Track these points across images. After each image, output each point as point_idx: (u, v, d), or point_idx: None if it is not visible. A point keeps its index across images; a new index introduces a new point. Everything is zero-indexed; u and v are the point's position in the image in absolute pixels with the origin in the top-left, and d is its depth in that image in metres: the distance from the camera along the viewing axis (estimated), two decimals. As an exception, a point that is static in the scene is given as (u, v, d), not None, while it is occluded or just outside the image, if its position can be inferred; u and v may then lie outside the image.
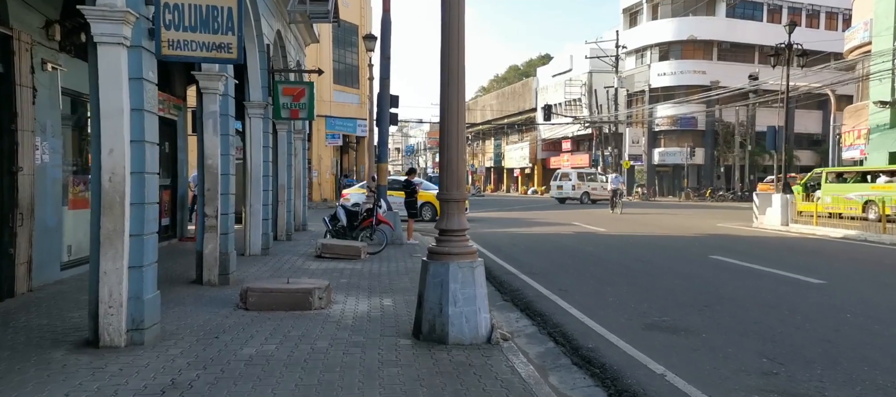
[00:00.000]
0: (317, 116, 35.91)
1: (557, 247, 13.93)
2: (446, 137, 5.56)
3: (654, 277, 9.45)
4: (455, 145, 5.56)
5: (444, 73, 5.54)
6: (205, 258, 8.01)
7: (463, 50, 5.59)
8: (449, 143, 5.55)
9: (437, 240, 5.66)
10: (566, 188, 38.40)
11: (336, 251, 11.11)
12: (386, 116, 14.21)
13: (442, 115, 5.61)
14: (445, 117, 5.57)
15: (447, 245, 5.54)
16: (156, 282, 5.54)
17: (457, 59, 5.54)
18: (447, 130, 5.56)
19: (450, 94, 5.53)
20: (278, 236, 13.98)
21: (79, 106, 8.80)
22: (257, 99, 10.91)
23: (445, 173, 5.60)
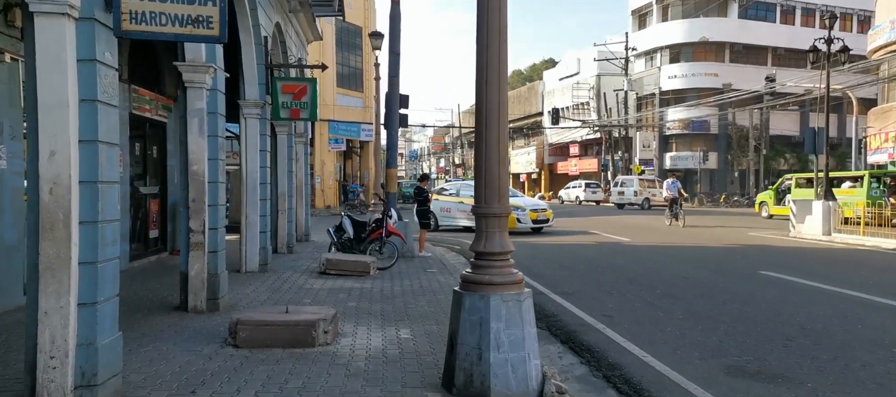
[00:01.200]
0: (319, 120, 34.83)
1: (583, 260, 12.72)
2: (485, 137, 4.38)
3: (709, 299, 8.24)
4: (495, 146, 4.38)
5: (482, 56, 4.37)
6: (190, 281, 6.83)
7: (506, 31, 4.42)
8: (488, 144, 4.37)
9: (472, 266, 4.48)
10: (628, 194, 38.79)
11: (342, 267, 9.93)
12: (395, 117, 13.04)
13: (479, 111, 4.43)
14: (484, 112, 4.39)
15: (487, 272, 4.35)
16: (116, 320, 4.37)
17: (498, 40, 4.37)
18: (486, 129, 4.38)
19: (489, 85, 4.36)
20: (278, 249, 12.81)
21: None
22: (253, 97, 9.75)
23: (483, 182, 4.41)
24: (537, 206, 20.25)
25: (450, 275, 10.39)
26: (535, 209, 19.62)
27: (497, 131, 4.37)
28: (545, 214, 19.53)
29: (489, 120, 4.36)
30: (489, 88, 4.36)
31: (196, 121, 6.80)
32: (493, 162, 4.37)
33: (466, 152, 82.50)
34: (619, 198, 39.20)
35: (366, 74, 38.69)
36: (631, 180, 39.72)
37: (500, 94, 4.37)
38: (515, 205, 18.05)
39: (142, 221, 11.20)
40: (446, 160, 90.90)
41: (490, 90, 4.36)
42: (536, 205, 20.51)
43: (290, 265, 11.10)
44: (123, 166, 9.98)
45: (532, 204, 20.42)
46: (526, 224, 18.76)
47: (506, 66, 4.40)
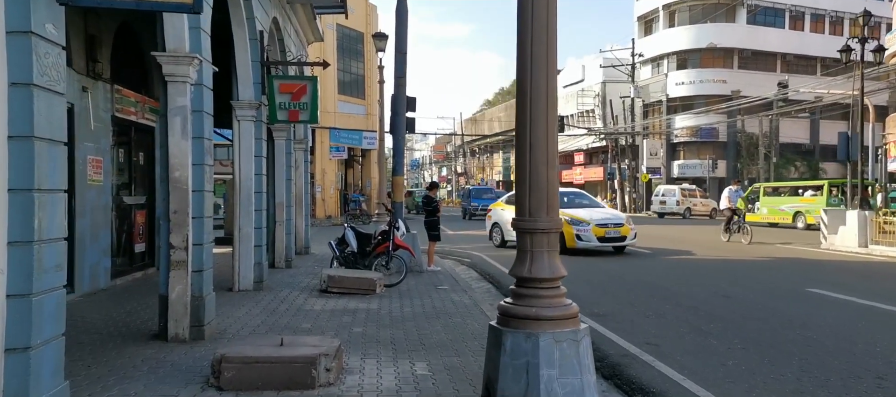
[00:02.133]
0: (320, 127, 33.97)
1: (609, 274, 11.76)
2: (530, 135, 3.47)
3: (761, 322, 7.28)
4: (543, 146, 3.47)
5: (526, 32, 3.45)
6: (170, 305, 5.89)
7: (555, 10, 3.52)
8: (534, 144, 3.46)
9: (514, 294, 3.55)
10: (669, 203, 38.82)
11: (345, 285, 8.98)
12: (401, 122, 12.13)
13: (522, 103, 3.53)
14: (528, 104, 3.49)
15: (533, 303, 3.42)
16: (60, 367, 3.43)
17: (546, 13, 3.45)
18: (531, 124, 3.48)
19: (534, 69, 3.46)
20: (276, 263, 11.87)
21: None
22: (248, 97, 8.85)
23: (527, 189, 3.49)
24: (607, 218, 15.26)
25: (463, 292, 9.45)
26: (604, 222, 14.93)
27: (545, 127, 3.45)
28: (620, 229, 14.89)
29: (535, 113, 3.45)
30: (535, 73, 3.44)
31: (178, 120, 5.88)
32: (540, 164, 3.45)
33: (469, 160, 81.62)
34: (661, 206, 39.32)
35: (368, 81, 37.85)
36: (672, 190, 39.40)
37: (548, 81, 3.46)
38: (575, 218, 14.80)
39: (127, 234, 10.28)
40: (448, 169, 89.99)
41: (536, 76, 3.44)
42: (606, 216, 15.48)
43: (288, 281, 10.16)
44: (105, 174, 9.08)
45: (600, 216, 15.31)
46: (588, 242, 14.63)
47: (555, 44, 3.49)
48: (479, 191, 40.29)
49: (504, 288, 10.42)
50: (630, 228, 15.09)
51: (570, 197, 16.84)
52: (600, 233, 14.74)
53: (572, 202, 16.23)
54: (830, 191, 24.06)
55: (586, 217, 14.93)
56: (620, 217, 16.05)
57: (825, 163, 50.12)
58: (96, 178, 8.82)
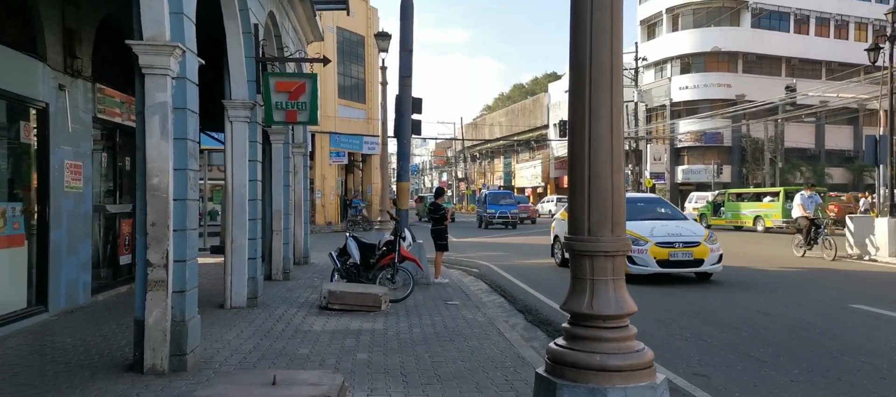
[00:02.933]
0: (320, 132, 33.22)
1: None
2: (589, 130, 2.73)
3: (815, 346, 6.50)
4: (606, 146, 2.73)
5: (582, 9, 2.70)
6: (147, 331, 5.11)
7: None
8: (594, 143, 2.72)
9: (568, 336, 2.79)
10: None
11: (347, 301, 8.21)
12: (407, 124, 11.38)
13: (578, 93, 2.78)
14: (587, 95, 2.74)
15: (596, 347, 2.66)
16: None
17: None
18: (590, 118, 2.73)
19: (596, 46, 2.70)
20: (273, 275, 11.10)
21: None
22: (241, 96, 8.09)
23: (587, 201, 2.73)
24: (674, 235, 11.24)
25: (476, 309, 8.67)
26: (668, 240, 11.09)
27: (608, 118, 2.70)
28: (692, 250, 10.98)
29: (595, 101, 2.69)
30: (596, 47, 2.69)
31: (157, 119, 5.12)
32: (602, 167, 2.70)
33: (470, 166, 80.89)
34: (692, 213, 37.42)
35: (368, 85, 37.15)
36: (705, 197, 36.25)
37: (613, 59, 2.71)
38: (632, 236, 9.72)
39: (111, 245, 9.51)
40: (449, 174, 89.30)
41: (597, 51, 2.69)
42: (674, 232, 11.36)
43: (285, 296, 9.38)
44: (85, 180, 8.31)
45: (665, 232, 11.31)
46: (644, 266, 10.91)
47: (621, 9, 2.73)
48: (496, 197, 35.01)
49: (519, 302, 9.65)
50: (710, 248, 11.02)
51: (639, 205, 12.81)
52: (661, 254, 10.86)
53: (638, 212, 12.06)
54: (787, 197, 25.71)
55: (644, 233, 11.01)
56: (695, 232, 11.47)
57: (831, 168, 49.48)
58: (75, 185, 8.05)
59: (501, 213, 32.03)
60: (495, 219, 31.81)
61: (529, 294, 10.42)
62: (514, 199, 35.95)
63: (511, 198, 35.69)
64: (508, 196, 36.30)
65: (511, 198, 35.69)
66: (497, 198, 34.66)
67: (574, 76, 2.74)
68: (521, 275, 12.76)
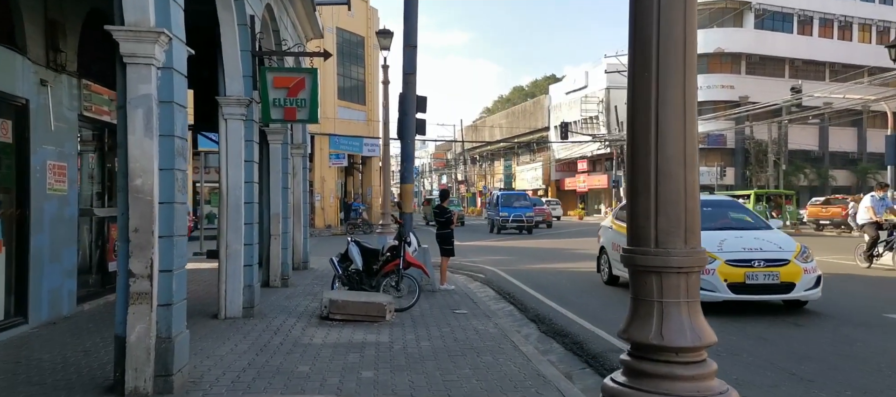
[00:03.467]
0: (319, 134, 32.70)
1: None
2: (655, 116, 2.23)
3: (861, 362, 5.98)
4: (678, 132, 2.22)
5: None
6: (130, 349, 4.59)
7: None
8: (662, 136, 2.21)
9: (629, 371, 2.27)
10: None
11: (350, 310, 7.69)
12: (411, 123, 10.86)
13: (641, 65, 2.26)
14: (656, 68, 2.22)
15: (667, 388, 2.13)
16: None
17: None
18: (658, 100, 2.22)
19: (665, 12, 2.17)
20: (271, 281, 10.58)
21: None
22: (236, 92, 7.58)
23: (654, 205, 2.22)
24: (755, 251, 8.49)
25: (486, 318, 8.16)
26: (746, 257, 8.34)
27: (679, 107, 2.19)
28: (779, 271, 8.21)
29: (664, 87, 2.20)
30: (665, 25, 2.18)
31: (140, 113, 4.61)
32: (674, 163, 2.19)
33: (470, 168, 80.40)
34: None
35: (368, 87, 36.69)
36: None
37: (687, 30, 2.19)
38: None
39: (100, 251, 8.99)
40: (448, 177, 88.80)
41: (667, 27, 2.18)
42: (755, 247, 8.63)
43: (283, 305, 8.85)
44: (70, 182, 7.79)
45: (741, 246, 8.58)
46: (713, 291, 8.07)
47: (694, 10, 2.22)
48: (509, 198, 31.45)
49: (530, 311, 9.13)
50: (803, 268, 8.25)
51: (704, 209, 8.27)
52: (734, 276, 8.08)
53: (708, 219, 8.23)
54: (758, 200, 26.80)
55: (711, 247, 7.81)
56: (782, 246, 8.68)
57: (834, 170, 49.03)
58: (59, 187, 7.53)
59: (516, 217, 29.10)
60: (509, 223, 28.99)
61: (541, 302, 9.90)
62: (530, 202, 32.37)
63: (526, 199, 32.16)
64: (523, 197, 32.56)
65: (526, 199, 32.16)
66: (510, 199, 31.16)
67: (636, 50, 2.23)
68: (529, 281, 12.24)
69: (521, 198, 32.10)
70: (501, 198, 31.37)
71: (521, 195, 33.90)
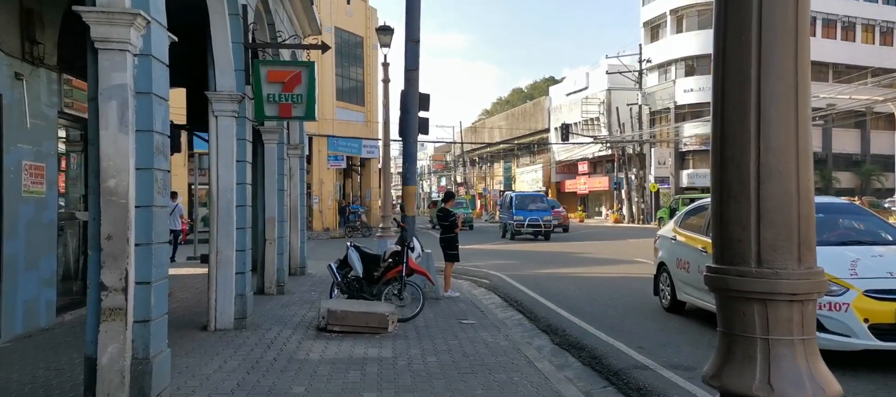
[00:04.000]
0: (318, 135, 32.14)
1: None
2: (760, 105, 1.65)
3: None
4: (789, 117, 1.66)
5: None
6: (101, 372, 4.06)
7: None
8: (769, 124, 1.65)
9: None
10: None
11: (350, 321, 7.15)
12: (413, 121, 10.33)
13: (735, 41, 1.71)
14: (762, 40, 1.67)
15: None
16: None
17: None
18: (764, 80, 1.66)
19: None
20: (266, 289, 10.05)
21: None
22: (227, 87, 7.04)
23: (755, 210, 1.67)
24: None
25: (495, 329, 7.63)
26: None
27: (791, 82, 1.65)
28: None
29: (769, 54, 1.66)
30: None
31: (114, 105, 4.08)
32: (783, 156, 1.65)
33: (469, 170, 79.87)
34: None
35: (367, 87, 36.18)
36: None
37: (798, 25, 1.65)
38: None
39: (85, 257, 8.42)
40: (448, 179, 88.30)
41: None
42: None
43: (278, 314, 8.31)
44: (49, 184, 7.25)
45: (885, 268, 6.00)
46: (846, 335, 5.63)
47: None
48: (524, 200, 27.71)
49: (541, 321, 8.59)
50: None
51: (824, 216, 7.06)
52: (880, 314, 5.65)
53: (823, 229, 6.46)
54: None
55: (839, 271, 5.83)
56: None
57: (838, 172, 48.53)
58: (36, 189, 6.99)
59: (532, 221, 25.76)
60: (524, 227, 25.74)
61: (551, 310, 9.37)
62: (548, 203, 29.00)
63: (543, 201, 28.60)
64: (540, 199, 28.75)
65: (543, 201, 28.60)
66: (525, 201, 27.43)
67: (729, 7, 1.70)
68: (537, 287, 11.71)
69: (537, 199, 28.21)
70: (515, 199, 27.55)
71: (537, 196, 29.76)
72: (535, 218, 25.75)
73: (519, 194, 30.39)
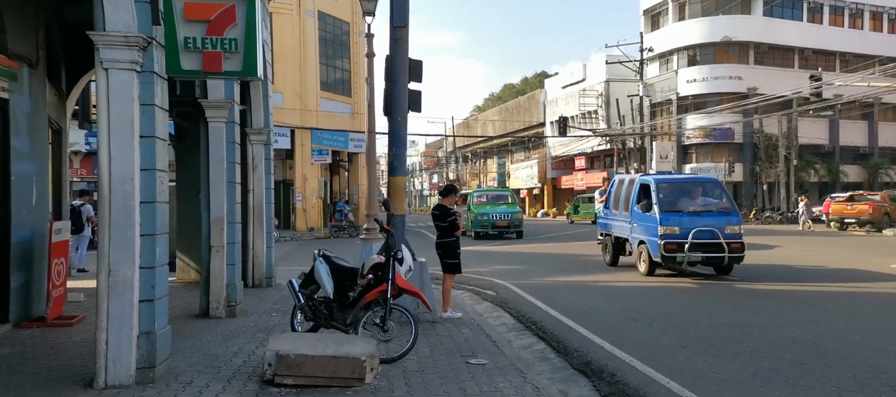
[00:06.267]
0: (301, 128, 29.74)
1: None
2: None
3: None
4: None
5: None
6: None
7: None
8: None
9: None
10: None
11: (308, 370, 4.88)
12: (402, 94, 8.05)
13: None
14: None
15: None
16: None
17: None
18: None
19: None
20: (211, 311, 7.76)
21: None
22: (123, 26, 4.72)
23: None
24: None
25: (517, 372, 5.41)
26: None
27: None
28: None
29: None
30: None
31: None
32: None
33: (462, 167, 77.59)
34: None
35: (355, 77, 33.79)
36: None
37: None
38: None
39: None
40: (440, 176, 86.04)
41: None
42: None
43: (214, 353, 6.00)
44: None
45: None
46: None
47: None
48: (675, 190, 13.05)
49: (574, 356, 6.34)
50: None
51: None
52: None
53: None
54: None
55: None
56: None
57: (845, 165, 46.65)
58: None
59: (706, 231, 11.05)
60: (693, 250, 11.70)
61: (584, 338, 7.14)
62: (721, 196, 13.39)
63: (720, 190, 12.52)
64: (707, 184, 13.88)
65: (720, 190, 12.52)
66: (680, 191, 13.41)
67: None
68: (555, 301, 9.49)
69: (701, 185, 13.69)
70: (661, 190, 12.60)
71: (701, 182, 14.73)
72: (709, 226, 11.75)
73: (664, 178, 14.17)
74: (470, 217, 24.83)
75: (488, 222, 24.45)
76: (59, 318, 7.34)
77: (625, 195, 13.50)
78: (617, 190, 14.25)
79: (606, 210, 14.77)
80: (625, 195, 13.50)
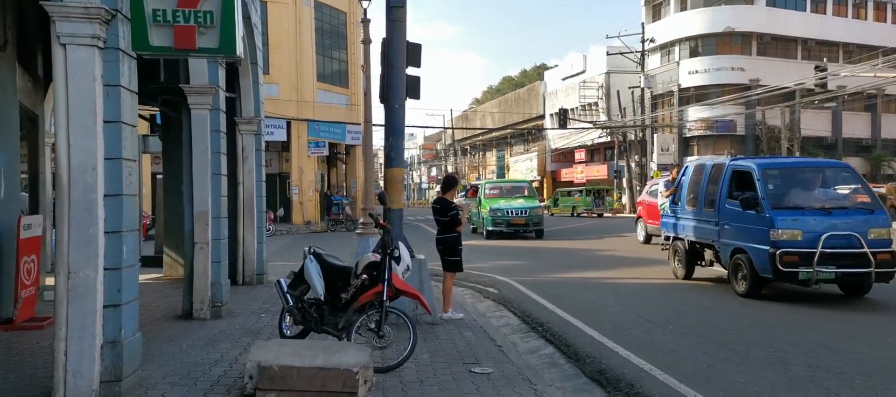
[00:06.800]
0: (297, 120, 29.15)
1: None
2: None
3: None
4: None
5: None
6: None
7: None
8: None
9: None
10: None
11: (294, 384, 4.36)
12: (399, 78, 7.49)
13: None
14: None
15: None
16: None
17: None
18: None
19: None
20: (195, 312, 7.23)
21: None
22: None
23: None
24: None
25: (524, 381, 4.90)
26: None
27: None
28: None
29: None
30: None
31: None
32: None
33: (460, 160, 77.01)
34: None
35: (352, 68, 33.15)
36: None
37: None
38: None
39: None
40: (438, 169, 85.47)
41: None
42: None
43: (192, 361, 5.46)
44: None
45: None
46: None
47: None
48: (793, 173, 9.85)
49: (587, 362, 5.80)
50: None
51: None
52: None
53: None
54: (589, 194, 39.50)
55: None
56: None
57: (848, 158, 46.15)
58: None
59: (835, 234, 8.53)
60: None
61: (594, 341, 6.62)
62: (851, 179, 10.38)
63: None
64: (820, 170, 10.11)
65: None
66: (797, 174, 10.12)
67: None
68: (561, 300, 8.96)
69: (824, 171, 9.95)
70: (770, 178, 9.43)
71: (824, 166, 11.04)
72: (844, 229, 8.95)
73: (757, 164, 10.02)
74: (481, 212, 21.97)
75: (503, 219, 20.82)
76: (30, 320, 6.81)
77: (707, 186, 10.25)
78: (693, 178, 10.86)
79: (673, 206, 11.55)
80: (707, 186, 10.25)
